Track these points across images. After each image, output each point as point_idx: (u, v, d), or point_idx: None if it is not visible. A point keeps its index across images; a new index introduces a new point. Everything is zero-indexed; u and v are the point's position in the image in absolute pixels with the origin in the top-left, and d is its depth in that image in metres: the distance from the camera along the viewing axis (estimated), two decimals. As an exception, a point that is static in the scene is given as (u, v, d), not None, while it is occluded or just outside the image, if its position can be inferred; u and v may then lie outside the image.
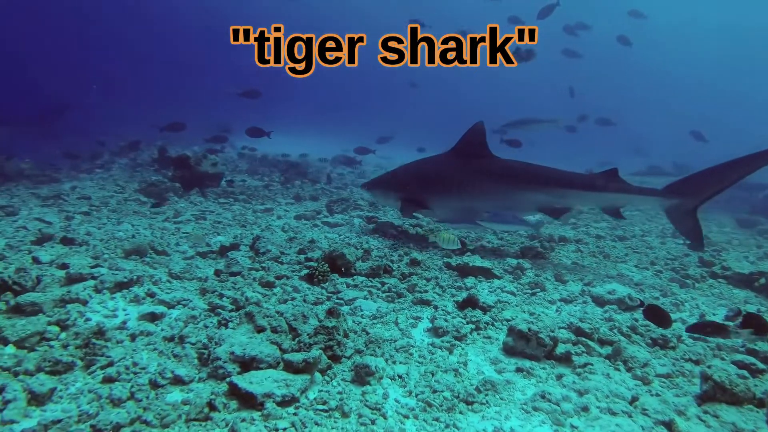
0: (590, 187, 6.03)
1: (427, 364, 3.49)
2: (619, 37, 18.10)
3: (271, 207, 8.82)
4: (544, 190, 6.14)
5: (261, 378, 2.87)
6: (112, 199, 8.64)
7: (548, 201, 6.18)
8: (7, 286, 4.06)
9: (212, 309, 4.10)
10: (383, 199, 7.59)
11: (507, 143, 11.38)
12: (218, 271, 5.02)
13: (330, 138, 23.34)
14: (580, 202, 6.33)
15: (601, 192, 5.98)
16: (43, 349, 3.39)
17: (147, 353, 3.40)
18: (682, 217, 5.85)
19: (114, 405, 2.79)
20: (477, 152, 6.45)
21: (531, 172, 6.27)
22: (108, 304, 4.17)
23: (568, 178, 6.19)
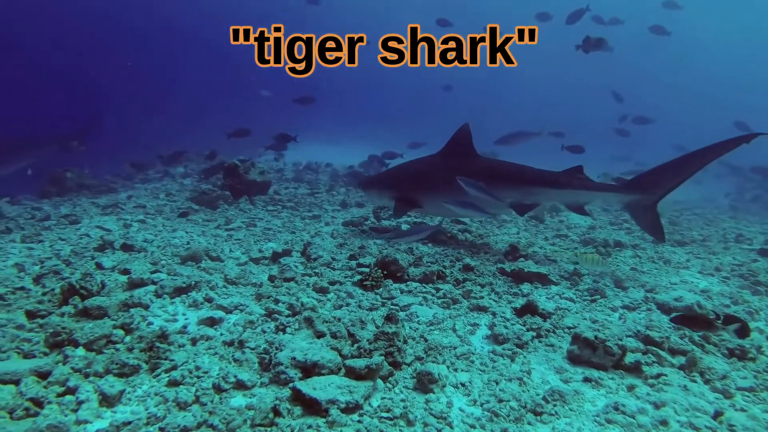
0: (555, 185, 6.23)
1: (490, 372, 3.37)
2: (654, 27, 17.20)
3: (318, 214, 8.87)
4: (515, 188, 6.36)
5: (324, 384, 2.83)
6: (166, 207, 8.89)
7: (519, 197, 6.38)
8: (74, 291, 4.18)
9: (269, 314, 4.11)
10: (378, 198, 7.70)
11: (568, 150, 11.18)
12: (272, 276, 5.03)
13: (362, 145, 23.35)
14: (545, 198, 6.49)
15: (564, 189, 6.18)
16: (110, 352, 3.45)
17: (208, 357, 3.42)
18: (641, 212, 6.04)
19: (180, 408, 2.80)
20: (463, 152, 6.71)
21: (505, 171, 6.52)
22: (168, 308, 4.24)
23: (536, 175, 6.40)
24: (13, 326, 3.67)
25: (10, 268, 5.21)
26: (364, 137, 27.21)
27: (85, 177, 11.24)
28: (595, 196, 6.27)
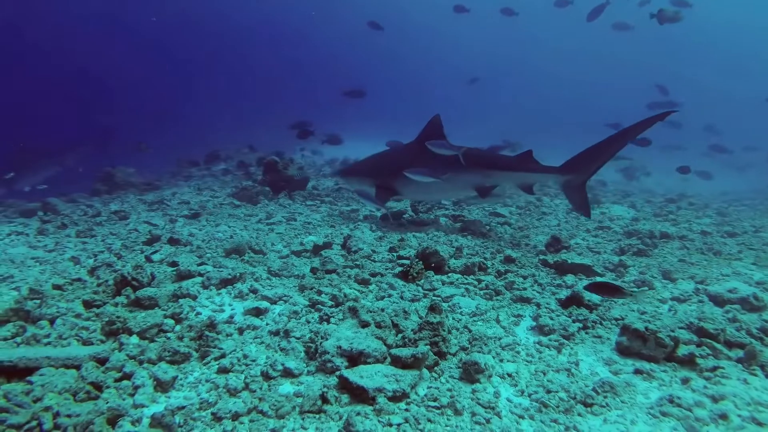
0: (508, 168, 6.79)
1: (536, 363, 3.30)
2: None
3: (356, 208, 8.89)
4: (477, 172, 6.79)
5: (371, 372, 2.82)
6: (209, 203, 9.09)
7: (480, 181, 6.87)
8: (127, 282, 4.32)
9: (312, 305, 4.14)
10: (357, 185, 7.80)
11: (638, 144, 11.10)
12: (314, 269, 5.07)
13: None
14: (501, 180, 7.00)
15: (516, 171, 6.72)
16: (161, 340, 3.55)
17: (255, 346, 3.47)
18: (573, 190, 6.49)
19: (231, 394, 2.84)
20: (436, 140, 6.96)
21: (470, 157, 6.67)
22: (215, 299, 4.33)
23: (493, 160, 7.03)
24: (72, 315, 3.81)
25: (66, 261, 5.44)
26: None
27: (132, 175, 11.63)
28: (539, 177, 6.79)
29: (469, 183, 6.94)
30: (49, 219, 7.71)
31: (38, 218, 7.87)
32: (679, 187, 13.72)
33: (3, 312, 3.78)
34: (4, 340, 3.44)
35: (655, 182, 15.13)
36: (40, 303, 3.95)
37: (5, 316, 3.79)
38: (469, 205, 9.66)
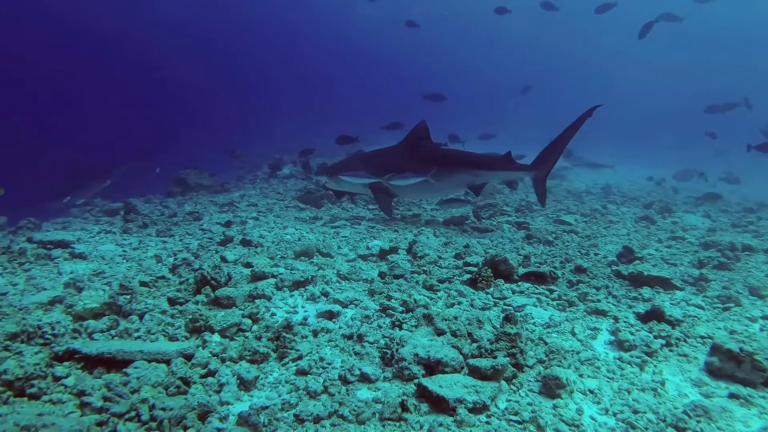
0: (493, 167, 7.61)
1: (619, 380, 3.13)
2: None
3: (418, 213, 8.84)
4: (467, 171, 7.48)
5: (450, 382, 2.76)
6: (276, 206, 9.32)
7: (470, 180, 7.57)
8: (206, 281, 4.47)
9: (383, 310, 4.12)
10: (348, 186, 7.94)
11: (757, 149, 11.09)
12: (382, 273, 5.07)
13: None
14: (488, 179, 7.72)
15: (499, 170, 7.57)
16: (240, 339, 3.64)
17: (330, 349, 3.49)
18: (538, 184, 7.46)
19: (311, 397, 2.87)
20: (423, 143, 7.58)
21: (460, 158, 7.65)
22: (288, 300, 4.40)
23: (481, 161, 7.70)
24: (158, 311, 3.98)
25: (150, 258, 5.71)
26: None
27: (204, 178, 12.12)
28: (515, 174, 7.77)
29: (461, 182, 7.65)
30: (132, 219, 8.13)
31: (122, 217, 8.33)
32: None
33: (99, 306, 4.00)
34: (100, 332, 3.63)
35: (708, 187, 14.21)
36: (130, 299, 4.16)
37: (100, 309, 4.01)
38: (532, 211, 9.41)
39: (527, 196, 11.47)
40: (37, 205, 9.71)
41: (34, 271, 5.12)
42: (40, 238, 6.00)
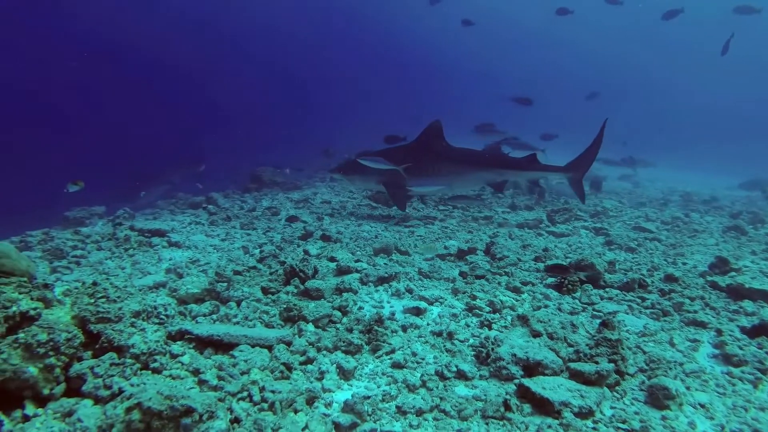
0: (519, 167, 7.88)
1: (732, 397, 2.93)
2: None
3: (489, 215, 8.71)
4: (489, 170, 7.86)
5: (553, 385, 2.69)
6: (348, 204, 9.48)
7: (492, 178, 7.94)
8: (295, 273, 4.61)
9: (470, 309, 4.09)
10: (361, 182, 8.20)
11: None
12: (463, 273, 5.03)
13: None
14: (513, 177, 8.14)
15: (526, 171, 7.88)
16: (332, 330, 3.72)
17: (420, 345, 3.49)
18: (575, 184, 7.92)
19: (409, 390, 2.88)
20: (437, 142, 7.74)
21: (480, 157, 7.99)
22: (374, 295, 4.45)
23: (505, 161, 8.05)
24: (254, 299, 4.15)
25: (237, 249, 5.96)
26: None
27: (277, 175, 12.51)
28: (546, 174, 8.25)
29: (483, 179, 8.06)
30: (215, 212, 8.53)
31: (206, 211, 8.76)
32: None
33: (199, 291, 4.22)
34: (203, 316, 3.83)
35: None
36: (228, 286, 4.35)
37: (201, 295, 4.22)
38: (608, 217, 9.04)
39: (601, 201, 11.05)
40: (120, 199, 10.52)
41: (137, 256, 5.48)
42: (140, 226, 6.41)
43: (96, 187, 9.45)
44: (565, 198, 11.54)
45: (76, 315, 3.02)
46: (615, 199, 11.69)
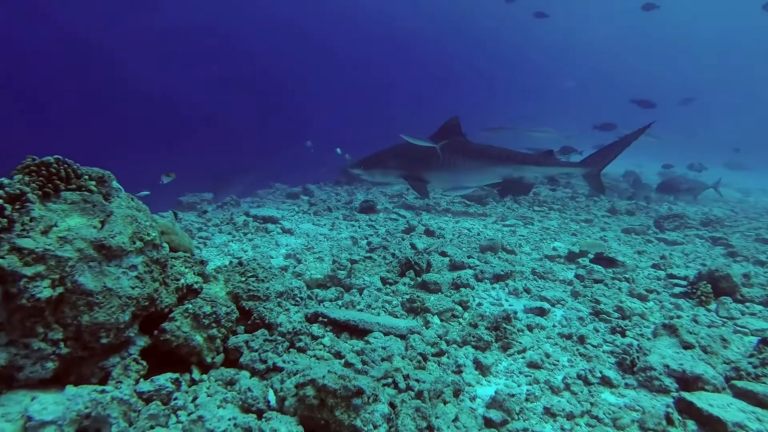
0: (536, 163, 7.99)
1: None
2: None
3: (589, 218, 8.28)
4: (506, 165, 7.87)
5: (721, 403, 2.46)
6: (442, 201, 9.40)
7: (509, 173, 7.94)
8: (410, 265, 4.60)
9: (596, 313, 3.87)
10: (381, 176, 8.12)
11: None
12: (580, 276, 4.79)
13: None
14: (529, 173, 8.25)
15: (543, 166, 8.06)
16: (455, 324, 3.65)
17: (550, 346, 3.35)
18: (593, 179, 8.02)
19: (553, 392, 2.76)
20: (455, 137, 7.70)
21: (498, 152, 7.97)
22: (491, 292, 4.35)
23: (522, 156, 8.02)
24: (374, 288, 4.18)
25: (345, 240, 6.06)
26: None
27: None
28: (563, 170, 8.45)
29: (500, 174, 7.96)
30: (315, 203, 8.77)
31: (307, 201, 9.03)
32: None
33: (322, 277, 4.32)
34: (329, 301, 3.91)
35: None
36: (348, 274, 4.42)
37: (323, 281, 4.33)
38: (723, 226, 8.29)
39: (710, 210, 10.19)
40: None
41: (256, 240, 5.73)
42: (254, 213, 6.70)
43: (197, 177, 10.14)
44: (669, 204, 10.77)
45: (230, 291, 3.17)
46: (726, 207, 10.75)
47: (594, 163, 7.97)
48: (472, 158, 7.81)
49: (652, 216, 8.69)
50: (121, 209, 2.69)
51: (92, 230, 2.49)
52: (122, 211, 2.66)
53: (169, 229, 3.13)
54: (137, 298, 2.54)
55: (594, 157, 8.01)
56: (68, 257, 2.34)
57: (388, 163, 7.99)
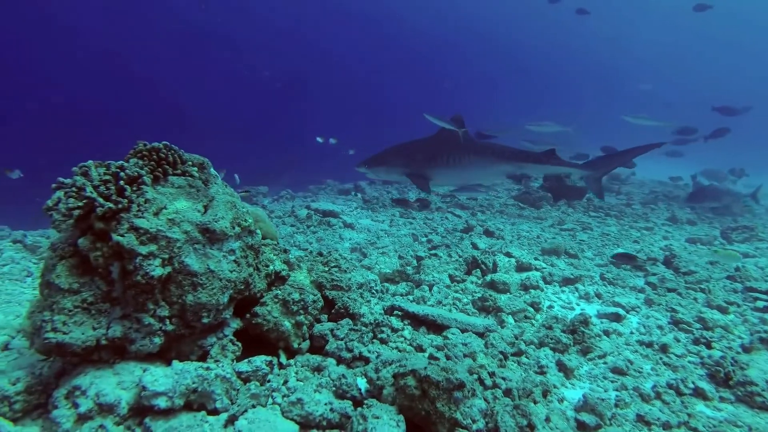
0: (538, 161, 7.67)
1: None
2: None
3: (649, 226, 7.96)
4: (510, 163, 7.69)
5: (835, 422, 2.30)
6: (496, 202, 9.25)
7: (512, 170, 7.82)
8: (477, 264, 4.53)
9: (675, 323, 3.70)
10: (386, 174, 7.96)
11: None
12: (652, 284, 4.60)
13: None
14: (532, 171, 8.05)
15: (545, 164, 7.70)
16: (527, 325, 3.57)
17: (630, 353, 3.22)
18: (594, 182, 7.96)
19: (643, 399, 2.64)
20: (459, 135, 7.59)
21: (501, 150, 7.80)
22: (561, 296, 4.23)
23: (525, 155, 7.83)
24: (443, 285, 4.14)
25: (406, 236, 6.04)
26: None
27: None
28: (565, 170, 8.08)
29: (504, 171, 7.83)
30: (369, 199, 8.80)
31: (360, 198, 9.08)
32: None
33: (392, 272, 4.32)
34: (401, 296, 3.90)
35: None
36: (417, 270, 4.40)
37: (392, 275, 4.32)
38: None
39: (777, 223, 9.61)
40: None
41: (320, 233, 5.79)
42: (315, 206, 6.78)
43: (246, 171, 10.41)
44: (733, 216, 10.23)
45: (314, 280, 3.20)
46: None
47: (597, 166, 7.96)
48: (476, 156, 7.74)
49: (717, 226, 8.27)
50: (220, 195, 2.75)
51: (197, 214, 2.56)
52: (223, 197, 2.73)
53: (259, 216, 3.19)
54: (235, 281, 2.59)
55: (598, 162, 8.04)
56: (176, 238, 2.41)
57: (392, 161, 7.92)
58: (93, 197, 2.29)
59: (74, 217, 2.31)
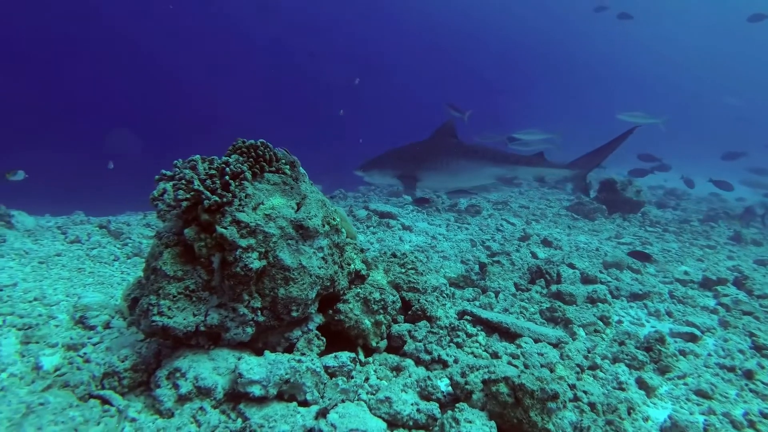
0: (527, 164, 7.90)
1: None
2: None
3: (712, 244, 7.56)
4: (499, 165, 7.83)
5: None
6: (548, 211, 9.03)
7: (502, 173, 7.99)
8: (541, 273, 4.42)
9: (757, 348, 3.49)
10: (380, 177, 8.01)
11: None
12: (724, 305, 4.36)
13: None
14: (521, 173, 8.19)
15: (534, 167, 7.95)
16: (598, 339, 3.45)
17: (711, 376, 3.06)
18: (579, 180, 8.31)
19: (734, 426, 2.50)
20: (450, 139, 7.79)
21: (491, 153, 7.96)
22: (629, 311, 4.08)
23: (514, 157, 7.98)
24: (509, 293, 4.06)
25: (464, 242, 5.97)
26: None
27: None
28: (553, 172, 8.11)
29: (494, 174, 7.95)
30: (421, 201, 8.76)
31: (411, 201, 9.05)
32: None
33: (456, 276, 4.28)
34: (467, 301, 3.85)
35: None
36: (482, 276, 4.34)
37: (456, 280, 4.28)
38: None
39: None
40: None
41: (380, 234, 5.81)
42: (373, 207, 6.82)
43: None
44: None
45: (391, 281, 3.21)
46: None
47: (581, 165, 8.09)
48: (466, 159, 7.81)
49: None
50: (311, 193, 2.80)
51: (291, 210, 2.61)
52: (314, 195, 2.77)
53: (341, 215, 3.23)
54: (323, 277, 2.63)
55: (581, 160, 8.11)
56: (272, 233, 2.46)
57: (385, 164, 7.98)
58: (201, 190, 2.37)
59: (182, 207, 2.40)
